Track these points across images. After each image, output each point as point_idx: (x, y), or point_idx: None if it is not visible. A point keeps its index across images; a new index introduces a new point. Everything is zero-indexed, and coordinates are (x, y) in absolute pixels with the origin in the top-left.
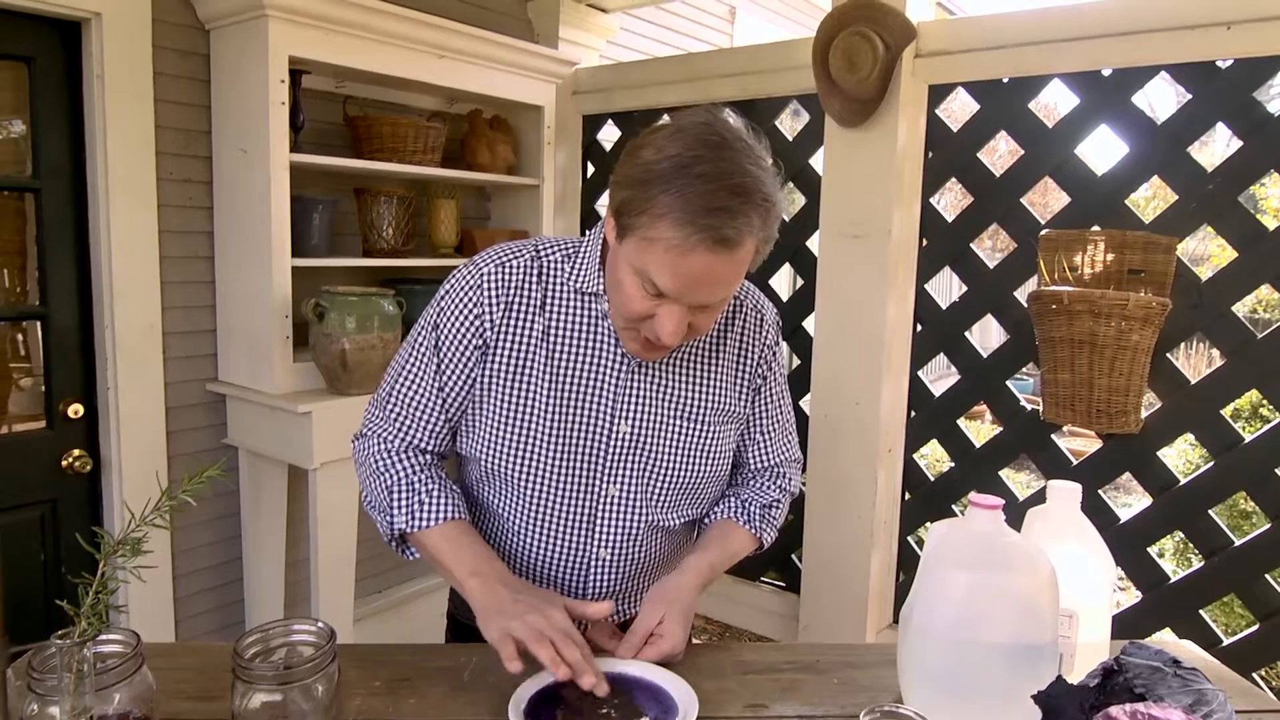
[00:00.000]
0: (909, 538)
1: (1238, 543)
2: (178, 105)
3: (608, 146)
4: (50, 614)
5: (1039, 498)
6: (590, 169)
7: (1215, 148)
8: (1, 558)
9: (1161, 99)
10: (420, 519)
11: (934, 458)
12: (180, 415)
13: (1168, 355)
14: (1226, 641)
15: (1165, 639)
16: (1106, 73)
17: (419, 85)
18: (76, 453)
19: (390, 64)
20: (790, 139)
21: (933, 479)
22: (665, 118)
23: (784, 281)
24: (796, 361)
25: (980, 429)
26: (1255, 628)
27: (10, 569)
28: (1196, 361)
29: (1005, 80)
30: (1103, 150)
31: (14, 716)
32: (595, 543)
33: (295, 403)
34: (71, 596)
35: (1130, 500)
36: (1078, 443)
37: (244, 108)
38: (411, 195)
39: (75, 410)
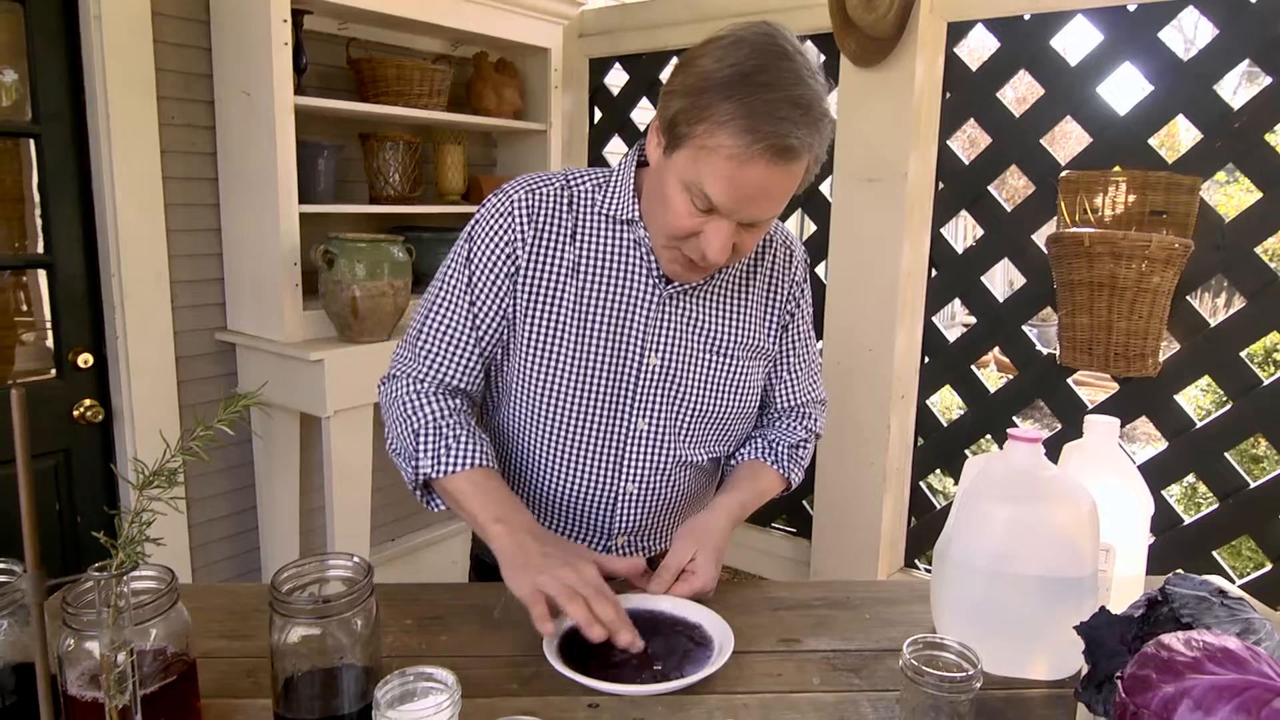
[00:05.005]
0: (921, 483)
1: (1253, 484)
2: (178, 47)
3: (615, 91)
4: (66, 564)
5: (1052, 442)
6: (597, 114)
7: (1223, 92)
8: (34, 495)
9: (1173, 42)
10: (446, 464)
11: (945, 404)
12: (190, 365)
13: (1187, 298)
14: (1239, 582)
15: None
16: (1132, 7)
17: (423, 26)
18: (88, 402)
19: (393, 3)
20: None
21: (945, 425)
22: (674, 60)
23: (794, 227)
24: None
25: (989, 376)
26: (1268, 568)
27: None
28: (1205, 309)
29: (1026, 16)
30: (1121, 90)
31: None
32: (624, 477)
33: (307, 351)
34: (110, 531)
35: (1134, 448)
36: (1085, 392)
37: (245, 49)
38: (418, 141)
39: (85, 360)
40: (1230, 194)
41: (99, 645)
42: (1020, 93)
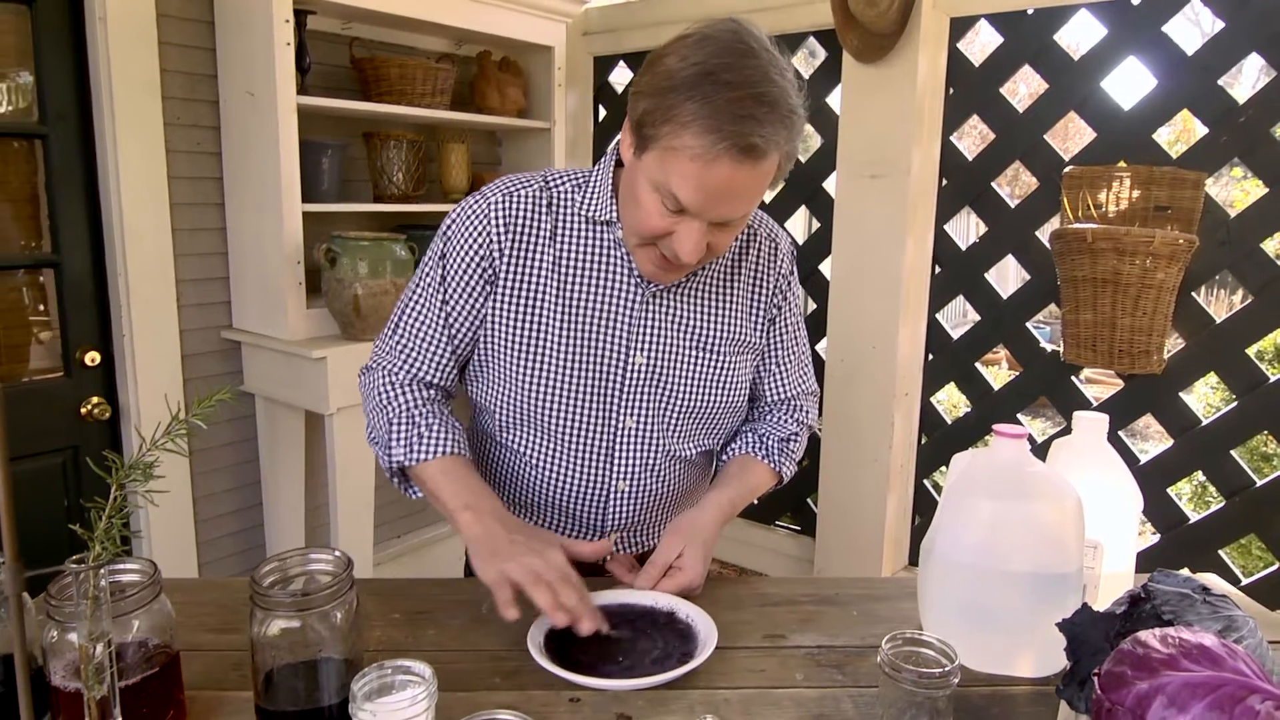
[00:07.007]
0: (925, 481)
1: (1259, 483)
2: (182, 48)
3: (619, 89)
4: None
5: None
6: (602, 112)
7: (1240, 91)
8: (12, 491)
9: (1189, 35)
10: (419, 451)
11: (950, 402)
12: (196, 363)
13: (1192, 295)
14: (1245, 581)
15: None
16: (1136, 1)
17: (426, 25)
18: (95, 400)
19: (396, 3)
20: (806, 76)
21: (950, 422)
22: None
23: (799, 224)
24: (813, 305)
25: (996, 374)
26: (1275, 567)
27: (34, 516)
28: (1216, 308)
29: (1030, 11)
30: (1127, 85)
31: (34, 646)
32: (614, 475)
33: (310, 349)
34: (85, 524)
35: (1145, 447)
36: (1093, 389)
37: (249, 50)
38: (421, 140)
39: (92, 358)
40: (1246, 189)
41: (78, 636)
42: (1032, 88)
